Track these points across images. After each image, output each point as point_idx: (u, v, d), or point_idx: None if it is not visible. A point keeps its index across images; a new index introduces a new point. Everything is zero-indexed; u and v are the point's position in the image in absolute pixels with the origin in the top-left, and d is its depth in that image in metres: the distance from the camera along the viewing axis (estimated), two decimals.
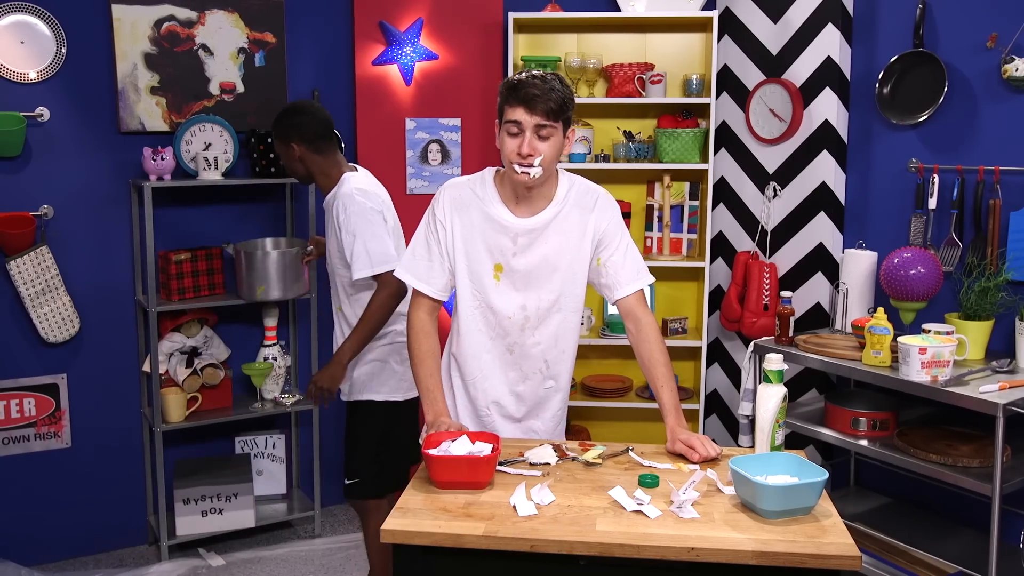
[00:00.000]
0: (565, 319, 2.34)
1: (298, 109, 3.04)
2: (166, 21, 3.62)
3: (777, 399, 2.08)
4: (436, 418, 2.23)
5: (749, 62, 3.89)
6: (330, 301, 4.08)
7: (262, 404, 3.82)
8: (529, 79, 2.12)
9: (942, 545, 3.08)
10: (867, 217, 3.60)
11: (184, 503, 3.65)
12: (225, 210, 3.87)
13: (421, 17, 3.97)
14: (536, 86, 2.11)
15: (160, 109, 3.66)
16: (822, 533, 1.80)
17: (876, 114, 3.50)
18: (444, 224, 2.28)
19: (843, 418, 3.12)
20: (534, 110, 2.11)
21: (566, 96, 2.14)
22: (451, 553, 1.83)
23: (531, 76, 2.13)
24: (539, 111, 2.11)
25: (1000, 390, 2.71)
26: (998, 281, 2.99)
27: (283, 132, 3.00)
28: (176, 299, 3.58)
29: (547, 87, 2.11)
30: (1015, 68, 3.00)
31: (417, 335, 2.33)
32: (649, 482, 2.01)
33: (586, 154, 3.96)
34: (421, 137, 4.05)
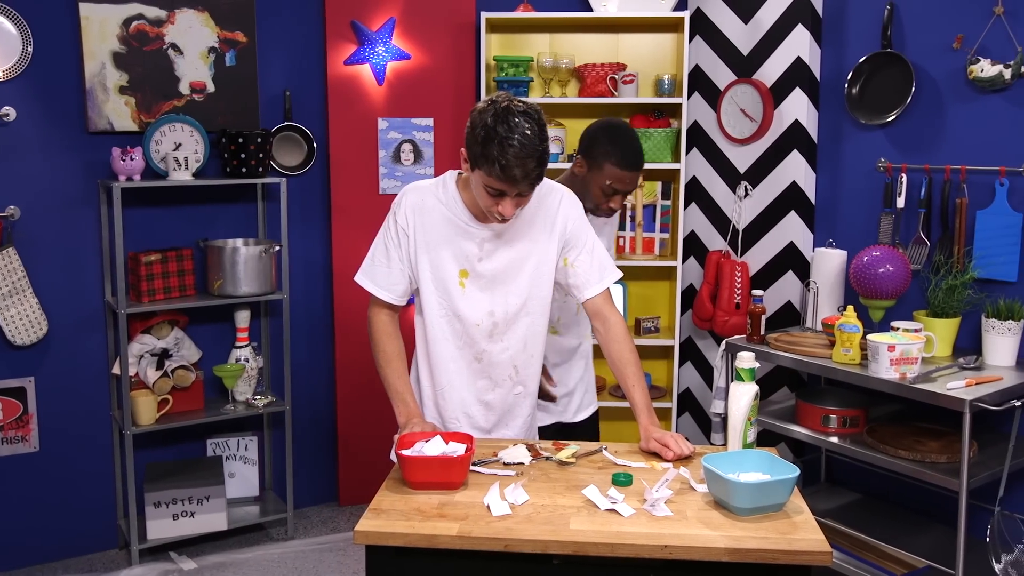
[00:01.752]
0: (533, 323, 2.32)
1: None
2: (135, 20, 3.59)
3: (749, 397, 2.09)
4: (409, 419, 2.22)
5: (720, 62, 3.92)
6: (302, 302, 4.08)
7: (234, 406, 3.79)
8: (514, 155, 1.98)
9: (911, 540, 3.12)
10: (837, 216, 3.63)
11: (155, 506, 3.62)
12: (196, 211, 3.84)
13: (393, 17, 3.96)
14: (522, 164, 1.99)
15: (129, 109, 3.62)
16: (794, 529, 1.82)
17: (845, 114, 3.54)
18: (406, 231, 2.24)
19: (814, 415, 3.15)
20: (519, 186, 2.05)
21: (547, 157, 2.06)
22: (425, 554, 1.83)
23: (512, 147, 1.98)
24: (525, 185, 2.05)
25: (967, 386, 2.75)
26: (965, 279, 3.03)
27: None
28: (146, 300, 3.54)
29: (533, 163, 2.01)
30: (980, 69, 3.04)
31: (381, 336, 2.31)
32: (622, 481, 2.02)
33: (559, 154, 3.97)
34: (393, 137, 4.04)
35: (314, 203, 4.09)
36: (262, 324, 4.02)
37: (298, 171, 4.02)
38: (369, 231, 2.42)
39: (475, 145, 2.04)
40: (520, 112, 2.02)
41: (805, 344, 3.22)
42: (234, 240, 3.80)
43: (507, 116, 2.01)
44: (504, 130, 1.99)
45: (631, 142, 2.54)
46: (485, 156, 2.01)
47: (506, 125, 1.99)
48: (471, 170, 2.10)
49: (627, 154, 2.50)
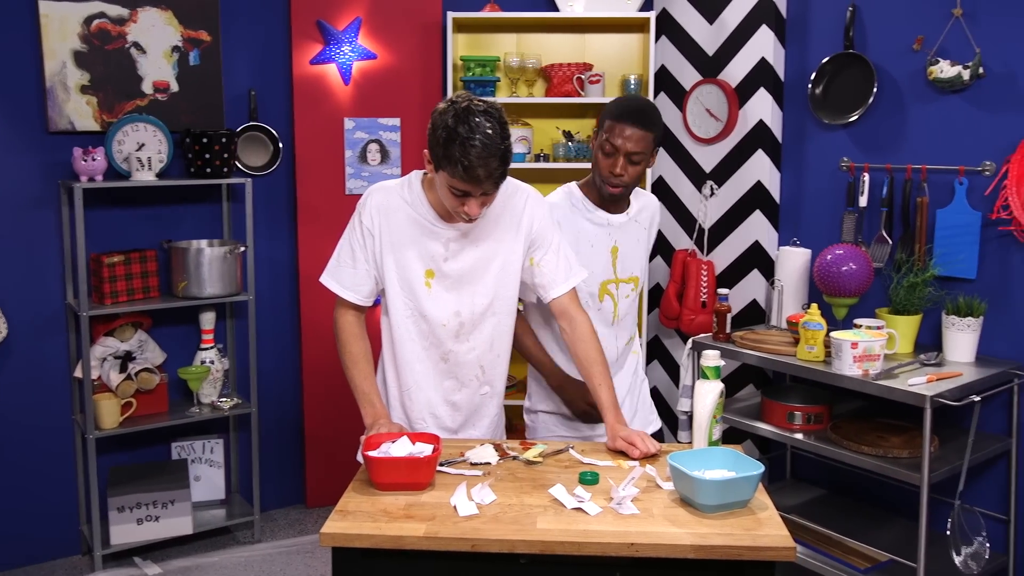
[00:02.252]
0: (500, 323, 2.32)
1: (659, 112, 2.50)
2: (96, 18, 3.54)
3: (714, 395, 2.11)
4: (375, 420, 2.21)
5: (686, 62, 3.95)
6: (268, 303, 4.05)
7: (199, 408, 3.75)
8: (476, 155, 1.98)
9: (874, 534, 3.16)
10: (801, 215, 3.67)
11: (119, 511, 3.57)
12: (160, 211, 3.80)
13: (359, 16, 3.94)
14: (485, 164, 2.00)
15: (91, 108, 3.58)
16: (758, 526, 1.83)
17: (809, 114, 3.57)
18: (371, 231, 2.24)
19: (779, 412, 3.18)
20: (483, 186, 2.05)
21: (509, 156, 2.07)
22: (392, 555, 1.82)
23: (474, 147, 1.98)
24: (489, 185, 2.05)
25: (928, 382, 2.79)
26: (926, 277, 3.08)
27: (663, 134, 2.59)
28: (109, 303, 3.50)
29: (496, 163, 2.01)
30: (940, 70, 3.08)
31: (348, 337, 2.30)
32: (589, 479, 2.03)
33: (526, 154, 3.97)
34: (360, 137, 4.02)
35: (280, 203, 4.06)
36: (227, 326, 3.99)
37: (263, 171, 3.99)
38: (335, 231, 2.41)
39: (437, 147, 2.04)
40: (480, 112, 2.03)
41: (770, 342, 3.25)
42: (199, 241, 3.76)
43: (468, 116, 2.01)
44: (465, 130, 1.99)
45: (631, 100, 2.48)
46: (448, 157, 2.01)
47: (467, 125, 2.00)
48: (435, 171, 2.10)
49: (623, 108, 2.37)
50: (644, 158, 2.37)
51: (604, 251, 2.49)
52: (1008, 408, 3.03)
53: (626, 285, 2.56)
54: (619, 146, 2.34)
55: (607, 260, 2.50)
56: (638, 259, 2.60)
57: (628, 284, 2.56)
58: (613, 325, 2.55)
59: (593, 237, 2.48)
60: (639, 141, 2.33)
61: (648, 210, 2.64)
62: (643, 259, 2.64)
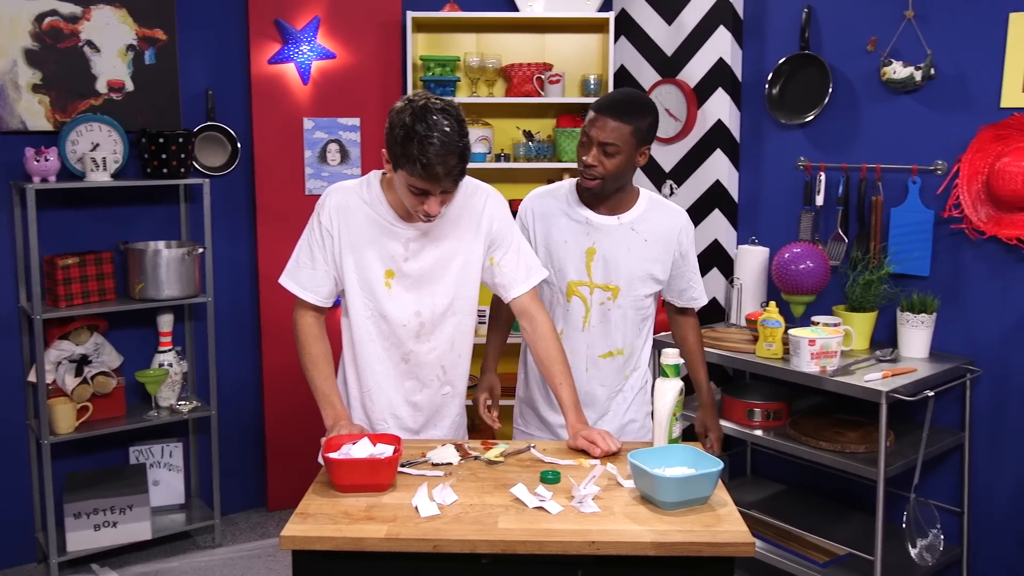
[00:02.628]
0: (460, 322, 2.31)
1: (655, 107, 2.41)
2: (48, 16, 3.48)
3: (674, 393, 2.12)
4: (336, 421, 2.20)
5: (645, 63, 3.97)
6: (228, 304, 4.00)
7: (157, 412, 3.71)
8: (434, 153, 1.98)
9: (832, 528, 3.21)
10: (759, 214, 3.71)
11: (75, 517, 3.51)
12: (116, 213, 3.74)
13: (318, 15, 3.92)
14: (443, 162, 1.99)
15: (43, 108, 3.51)
16: (718, 522, 1.85)
17: (766, 114, 3.62)
18: (330, 231, 2.22)
19: (739, 410, 3.21)
20: (442, 183, 2.04)
21: (468, 153, 2.07)
22: (353, 557, 1.81)
23: (432, 145, 1.97)
24: (448, 184, 2.05)
25: (883, 378, 2.84)
26: (881, 274, 3.13)
27: (654, 129, 2.40)
28: (63, 306, 3.44)
29: (454, 160, 2.01)
30: (893, 71, 3.14)
31: (308, 338, 2.29)
32: (551, 478, 2.03)
33: (486, 154, 3.97)
34: (320, 137, 4.00)
35: (238, 204, 4.02)
36: (186, 328, 3.94)
37: (222, 172, 3.95)
38: (295, 232, 2.39)
39: (395, 145, 2.03)
40: (438, 110, 2.02)
41: (730, 340, 3.28)
42: (156, 242, 3.71)
43: (425, 114, 2.01)
44: (423, 128, 1.99)
45: (617, 92, 2.40)
46: (406, 156, 2.01)
47: (425, 124, 1.99)
48: (394, 171, 2.09)
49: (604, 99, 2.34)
50: (620, 151, 2.30)
51: (577, 250, 2.43)
52: (961, 402, 3.09)
53: (602, 292, 2.44)
54: (592, 136, 2.31)
55: (580, 260, 2.43)
56: (627, 269, 2.42)
57: (605, 292, 2.44)
58: (584, 331, 2.47)
59: (567, 233, 2.44)
60: (612, 132, 2.29)
61: (662, 225, 2.45)
62: (639, 272, 2.43)
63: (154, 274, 3.56)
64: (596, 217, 2.43)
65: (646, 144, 2.37)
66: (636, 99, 2.36)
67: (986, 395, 3.07)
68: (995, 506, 3.08)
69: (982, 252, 3.04)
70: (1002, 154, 2.92)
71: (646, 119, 2.33)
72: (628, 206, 2.45)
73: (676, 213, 2.51)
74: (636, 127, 2.31)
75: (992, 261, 3.02)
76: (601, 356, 2.50)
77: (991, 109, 2.99)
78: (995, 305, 3.03)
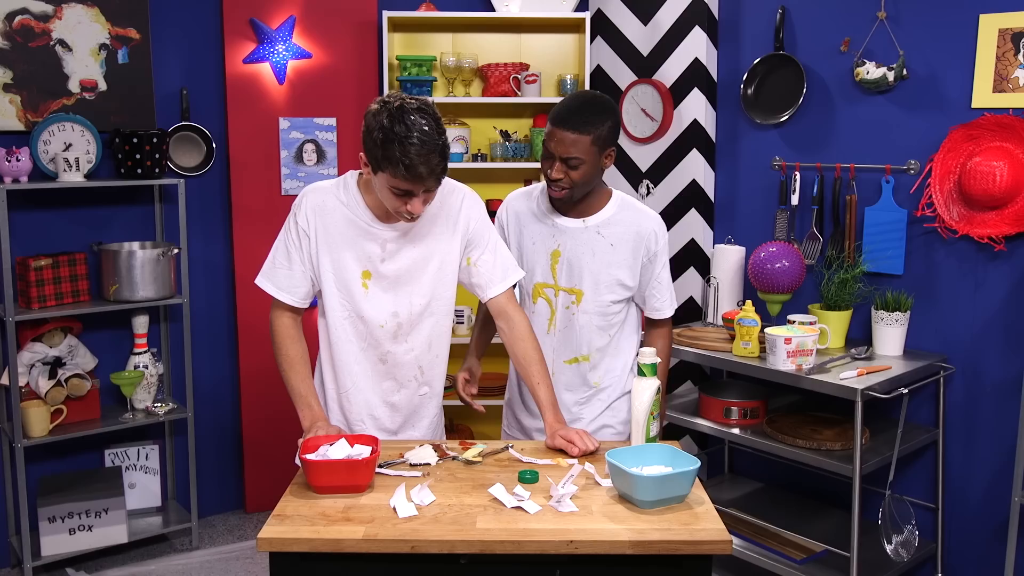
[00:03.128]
0: (438, 323, 2.31)
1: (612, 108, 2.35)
2: (19, 14, 3.44)
3: (651, 392, 2.13)
4: (313, 423, 2.19)
5: (621, 63, 3.98)
6: (203, 305, 3.97)
7: (133, 414, 3.67)
8: (415, 153, 1.97)
9: (809, 525, 3.23)
10: (735, 213, 3.73)
11: (49, 521, 3.48)
12: (89, 213, 3.71)
13: (293, 15, 3.90)
14: (426, 161, 1.99)
15: (14, 107, 3.47)
16: (695, 520, 1.86)
17: (741, 114, 3.64)
18: (307, 232, 2.21)
19: (716, 408, 3.23)
20: (425, 183, 2.04)
21: (447, 151, 2.06)
22: (331, 558, 1.81)
23: (413, 145, 1.97)
24: (431, 181, 2.05)
25: (858, 376, 2.86)
26: (855, 273, 3.16)
27: (615, 131, 2.35)
28: (36, 307, 3.40)
29: (436, 159, 2.01)
30: (866, 71, 3.16)
31: (284, 340, 2.28)
32: (529, 478, 2.03)
33: (463, 154, 3.97)
34: (296, 137, 3.98)
35: (214, 204, 4.00)
36: (161, 329, 3.91)
37: (197, 172, 3.92)
38: (272, 232, 2.38)
39: (375, 148, 2.02)
40: (414, 109, 2.02)
41: (707, 339, 3.29)
42: (130, 243, 3.68)
43: (402, 115, 2.00)
44: (402, 130, 1.98)
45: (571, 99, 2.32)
46: (388, 158, 2.00)
47: (403, 124, 1.99)
48: (373, 173, 2.08)
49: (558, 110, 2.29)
50: (583, 162, 2.26)
51: (543, 252, 2.43)
52: (935, 400, 3.13)
53: (566, 295, 2.42)
54: (552, 150, 2.29)
55: (546, 262, 2.43)
56: (591, 273, 2.39)
57: (570, 295, 2.42)
58: (549, 334, 2.45)
59: (536, 234, 2.44)
60: (572, 145, 2.25)
61: (630, 229, 2.40)
62: (604, 277, 2.40)
63: (129, 275, 3.53)
64: (562, 219, 2.42)
65: (609, 147, 2.33)
66: (591, 105, 2.29)
67: (959, 392, 3.10)
68: (969, 501, 3.12)
69: (954, 251, 3.07)
70: (973, 153, 2.96)
71: (605, 123, 2.28)
72: (596, 208, 2.42)
73: (646, 217, 2.44)
74: (596, 135, 2.26)
75: (964, 259, 3.06)
76: (566, 362, 2.48)
77: (962, 109, 3.02)
78: (967, 303, 3.07)
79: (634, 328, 2.54)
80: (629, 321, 2.51)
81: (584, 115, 2.27)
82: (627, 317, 2.50)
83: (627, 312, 2.50)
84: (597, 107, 2.29)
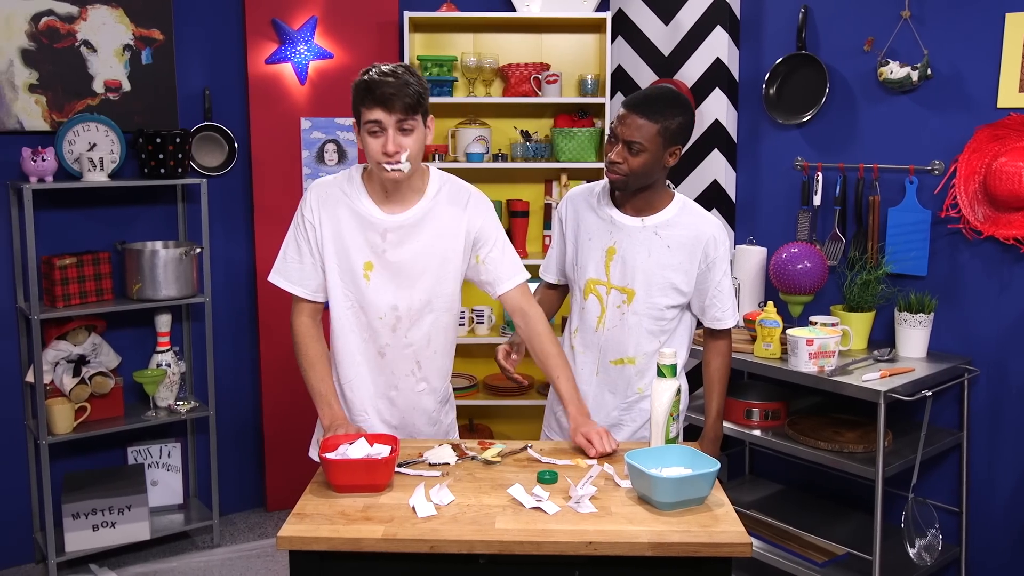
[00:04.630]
0: (438, 319, 2.32)
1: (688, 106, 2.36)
2: (44, 16, 3.48)
3: (671, 393, 2.12)
4: (333, 422, 2.20)
5: (642, 63, 3.97)
6: (225, 304, 4.00)
7: (156, 412, 3.70)
8: (380, 77, 2.08)
9: (831, 528, 3.21)
10: (756, 214, 3.71)
11: (73, 518, 3.51)
12: (113, 213, 3.74)
13: (315, 15, 3.92)
14: (390, 84, 2.07)
15: (40, 108, 3.51)
16: (715, 522, 1.85)
17: (763, 114, 3.62)
18: (313, 224, 2.25)
19: (737, 409, 3.21)
20: (392, 109, 2.08)
21: (421, 88, 2.12)
22: (350, 557, 1.81)
23: (381, 73, 2.09)
24: (398, 108, 2.08)
25: (881, 378, 2.84)
26: (878, 274, 3.13)
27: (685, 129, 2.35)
28: (61, 306, 3.44)
29: (401, 83, 2.08)
30: (890, 71, 3.14)
31: (304, 339, 2.30)
32: (547, 479, 2.03)
33: (484, 154, 3.97)
34: (317, 137, 3.99)
35: (236, 204, 4.02)
36: (184, 328, 3.94)
37: (219, 172, 3.94)
38: None
39: (355, 99, 2.13)
40: (393, 65, 2.14)
41: None
42: (153, 243, 3.71)
43: (376, 66, 2.14)
44: (375, 71, 2.11)
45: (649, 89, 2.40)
46: (357, 90, 2.12)
47: (376, 68, 2.12)
48: (358, 131, 2.16)
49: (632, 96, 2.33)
50: (645, 149, 2.26)
51: (599, 248, 2.41)
52: (959, 402, 3.09)
53: (618, 293, 2.40)
54: (619, 133, 2.29)
55: (600, 258, 2.41)
56: (644, 273, 2.37)
57: (621, 294, 2.39)
58: (598, 332, 2.44)
59: (593, 230, 2.43)
60: (638, 130, 2.25)
61: (689, 232, 2.37)
62: (657, 279, 2.37)
63: (152, 274, 3.56)
64: (620, 216, 2.40)
65: (676, 144, 2.32)
66: (667, 97, 2.30)
67: (984, 395, 3.07)
68: (993, 506, 3.08)
69: (979, 252, 3.04)
70: (999, 154, 2.92)
71: (675, 118, 2.28)
72: (656, 208, 2.39)
73: (707, 222, 2.40)
74: (663, 126, 2.26)
75: (989, 261, 3.02)
76: (612, 362, 2.46)
77: (988, 109, 2.99)
78: (992, 305, 3.03)
79: (685, 339, 2.50)
80: (681, 330, 2.47)
81: (657, 104, 2.28)
82: (679, 326, 2.46)
83: (680, 320, 2.46)
84: (672, 100, 2.31)
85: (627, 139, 2.27)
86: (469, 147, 3.95)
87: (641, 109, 2.26)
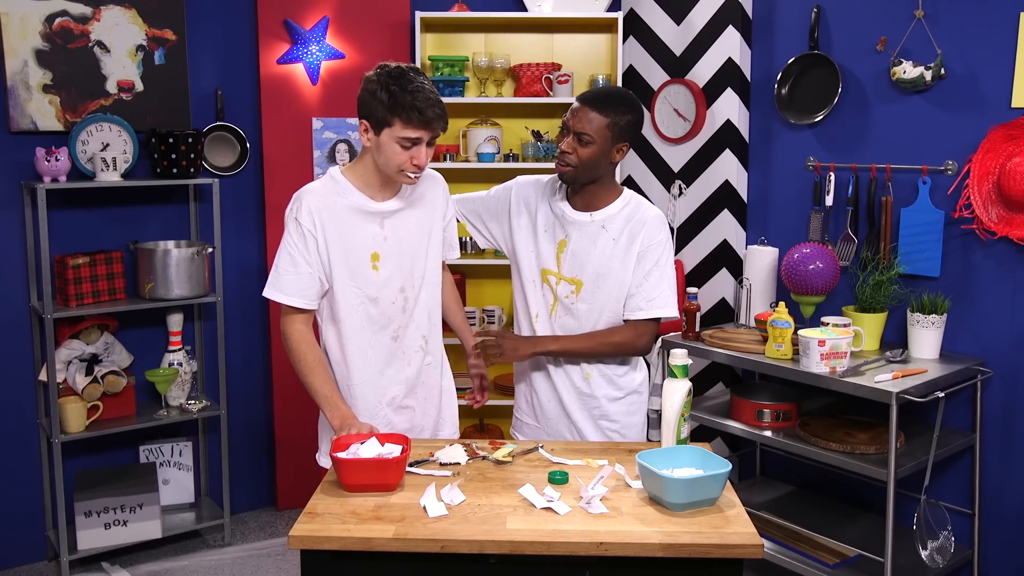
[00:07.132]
0: (432, 293, 2.44)
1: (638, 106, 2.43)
2: (58, 16, 3.49)
3: (682, 394, 2.12)
4: (343, 421, 2.20)
5: (653, 63, 3.96)
6: (237, 304, 4.02)
7: (167, 411, 3.72)
8: (424, 99, 2.16)
9: (842, 529, 3.19)
10: (768, 214, 3.70)
11: (85, 516, 3.53)
12: (126, 212, 3.76)
13: (327, 15, 3.92)
14: (435, 106, 2.17)
15: (54, 108, 3.53)
16: (726, 523, 1.85)
17: (775, 114, 3.60)
18: (312, 232, 2.27)
19: (748, 410, 3.20)
20: (435, 130, 2.20)
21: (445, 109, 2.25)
22: (361, 557, 1.82)
23: (422, 91, 2.16)
24: (439, 129, 2.21)
25: (894, 379, 2.82)
26: (891, 275, 3.12)
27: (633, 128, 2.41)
28: (74, 305, 3.45)
29: (441, 104, 2.20)
30: (903, 71, 3.12)
31: (301, 345, 2.31)
32: (558, 479, 2.03)
33: (495, 153, 3.97)
34: (328, 137, 4.00)
35: (248, 204, 4.03)
36: (196, 327, 3.95)
37: (231, 171, 3.96)
38: None
39: (381, 107, 2.17)
40: (413, 71, 2.21)
41: (739, 340, 3.27)
42: (166, 242, 3.72)
43: (404, 74, 2.19)
44: (408, 83, 2.17)
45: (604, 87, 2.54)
46: (400, 106, 2.15)
47: (407, 79, 2.18)
48: (377, 134, 2.20)
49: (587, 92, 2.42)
50: (593, 141, 2.33)
51: (551, 240, 2.49)
52: (972, 404, 3.08)
53: (567, 284, 2.46)
54: (570, 124, 2.37)
55: (552, 250, 2.49)
56: (593, 266, 2.42)
57: (570, 285, 2.46)
58: (551, 319, 2.50)
59: (547, 222, 2.50)
60: (589, 122, 2.33)
61: (630, 222, 2.42)
62: (604, 270, 2.42)
63: (164, 274, 3.58)
64: (569, 211, 2.48)
65: (623, 141, 2.39)
66: (619, 95, 2.40)
67: (997, 396, 3.06)
68: (1006, 508, 3.07)
69: (993, 253, 3.03)
70: (1013, 154, 2.91)
71: (625, 115, 2.36)
72: (604, 203, 2.46)
73: (646, 209, 2.46)
74: (612, 121, 2.34)
75: (1003, 262, 3.01)
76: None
77: (1002, 109, 2.97)
78: (1006, 306, 3.01)
79: None
80: None
81: (609, 100, 2.37)
82: None
83: None
84: (624, 99, 2.40)
85: (577, 130, 2.35)
86: (480, 147, 3.96)
87: (593, 103, 2.36)
